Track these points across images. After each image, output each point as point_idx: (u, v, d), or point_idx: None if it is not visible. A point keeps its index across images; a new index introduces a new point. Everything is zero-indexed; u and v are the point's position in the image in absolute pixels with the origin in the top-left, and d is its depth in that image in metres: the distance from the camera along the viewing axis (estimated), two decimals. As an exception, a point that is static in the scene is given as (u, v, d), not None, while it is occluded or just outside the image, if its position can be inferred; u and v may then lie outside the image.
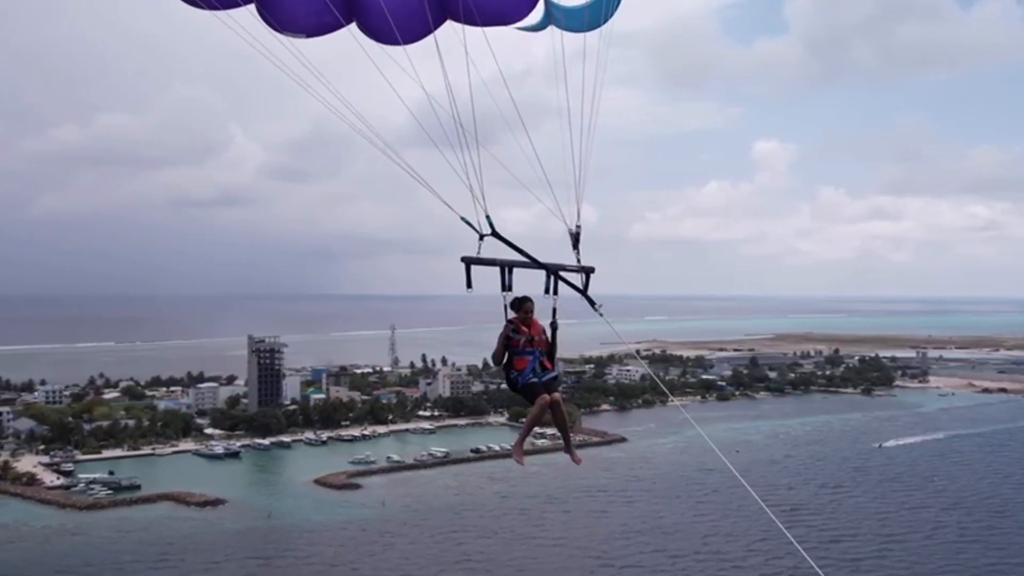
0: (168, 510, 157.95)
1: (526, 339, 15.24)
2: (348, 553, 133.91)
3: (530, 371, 15.15)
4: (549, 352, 15.48)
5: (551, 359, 15.50)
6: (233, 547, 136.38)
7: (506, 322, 15.24)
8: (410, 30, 14.33)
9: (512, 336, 15.21)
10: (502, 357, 15.29)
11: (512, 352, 15.28)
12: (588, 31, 15.36)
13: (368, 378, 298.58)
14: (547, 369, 15.34)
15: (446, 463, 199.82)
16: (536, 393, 15.02)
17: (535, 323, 15.43)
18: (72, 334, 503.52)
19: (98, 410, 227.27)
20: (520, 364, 15.21)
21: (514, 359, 15.26)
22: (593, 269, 15.59)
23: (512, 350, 15.27)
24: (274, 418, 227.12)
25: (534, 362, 15.18)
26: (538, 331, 15.43)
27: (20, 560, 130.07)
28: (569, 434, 15.94)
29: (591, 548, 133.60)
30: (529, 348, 15.26)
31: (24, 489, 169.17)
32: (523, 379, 15.14)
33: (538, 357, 15.23)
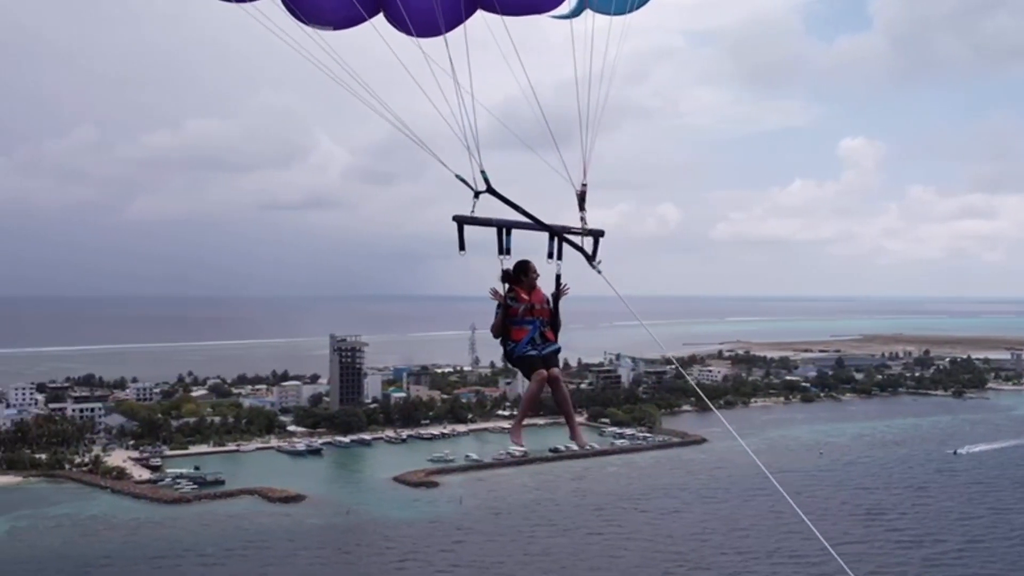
0: (250, 505, 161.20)
1: (525, 307, 14.08)
2: (424, 549, 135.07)
3: (527, 342, 13.97)
4: (552, 323, 14.28)
5: (555, 330, 14.33)
6: (312, 541, 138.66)
7: (505, 289, 14.08)
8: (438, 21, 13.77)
9: (511, 304, 14.04)
10: (501, 328, 14.07)
11: (510, 322, 14.07)
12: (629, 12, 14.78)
13: (448, 377, 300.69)
14: (548, 341, 14.13)
15: (524, 462, 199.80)
16: (533, 367, 13.82)
17: (537, 290, 14.25)
18: (163, 333, 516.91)
19: (186, 407, 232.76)
20: (518, 334, 14.05)
21: (511, 329, 14.06)
22: (603, 232, 14.47)
23: (510, 319, 14.07)
24: (355, 416, 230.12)
25: (533, 332, 13.98)
26: (540, 299, 14.22)
27: (109, 550, 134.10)
28: (572, 414, 14.50)
29: (665, 548, 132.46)
30: (529, 317, 14.06)
31: (114, 483, 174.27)
32: (519, 350, 13.96)
33: (538, 327, 14.01)
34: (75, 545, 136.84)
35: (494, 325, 14.07)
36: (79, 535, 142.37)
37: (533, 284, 14.14)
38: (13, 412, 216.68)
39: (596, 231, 14.41)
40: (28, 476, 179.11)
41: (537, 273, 14.17)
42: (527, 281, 14.09)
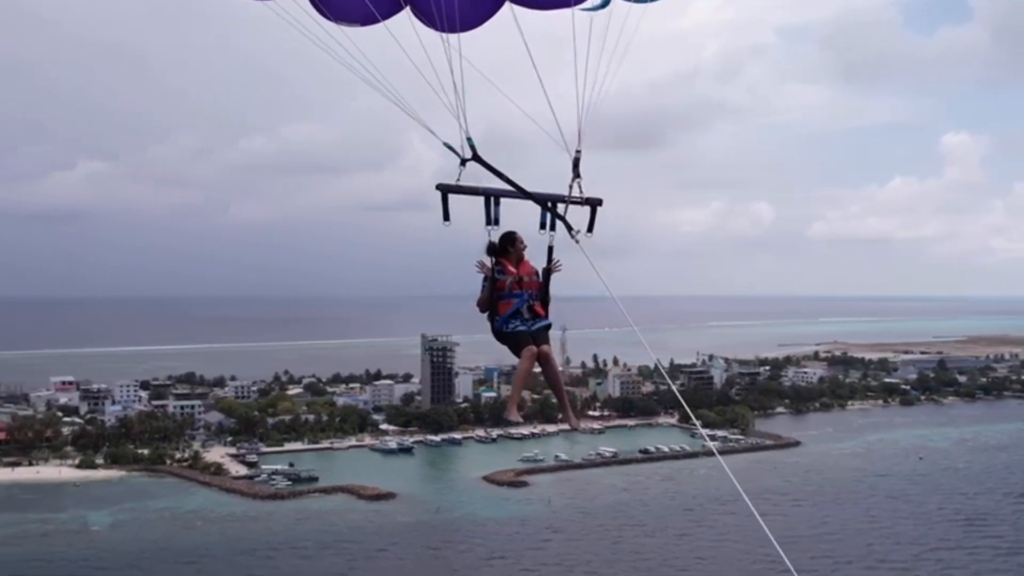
0: (343, 502, 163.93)
1: (512, 280, 13.40)
2: (511, 548, 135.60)
3: (512, 315, 13.29)
4: (542, 297, 13.58)
5: (544, 305, 13.63)
6: (402, 538, 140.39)
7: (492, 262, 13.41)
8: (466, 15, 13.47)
9: (498, 277, 13.36)
10: (488, 302, 13.38)
11: (496, 295, 13.39)
12: None
13: (539, 378, 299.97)
14: (537, 315, 13.43)
15: (614, 463, 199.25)
16: (522, 343, 13.16)
17: (526, 263, 13.61)
18: (262, 333, 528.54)
19: (282, 405, 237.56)
20: (503, 308, 13.36)
21: (498, 303, 13.37)
22: (600, 201, 13.58)
23: (497, 293, 13.39)
24: (446, 415, 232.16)
25: (519, 305, 13.30)
26: (528, 271, 13.54)
27: (207, 543, 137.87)
28: (565, 395, 13.96)
29: (754, 550, 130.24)
30: (516, 290, 13.39)
31: (212, 478, 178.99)
32: (503, 325, 13.28)
33: (526, 300, 13.33)
34: (174, 538, 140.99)
35: (480, 299, 13.43)
36: (178, 528, 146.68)
37: (521, 255, 13.58)
38: (118, 408, 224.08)
39: (593, 200, 13.58)
40: (131, 470, 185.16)
41: (524, 244, 13.60)
42: (514, 252, 13.51)
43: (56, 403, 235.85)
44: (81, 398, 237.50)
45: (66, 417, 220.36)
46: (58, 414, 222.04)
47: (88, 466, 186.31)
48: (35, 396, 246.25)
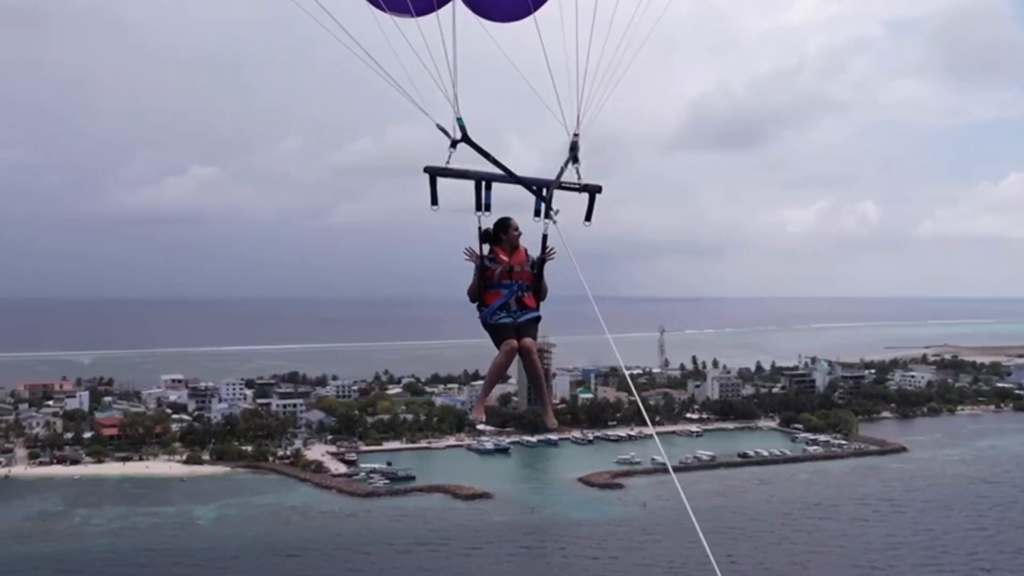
0: (439, 501, 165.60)
1: (503, 269, 12.81)
2: (605, 549, 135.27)
3: (500, 307, 12.69)
4: (535, 287, 12.99)
5: (537, 297, 13.03)
6: (496, 538, 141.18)
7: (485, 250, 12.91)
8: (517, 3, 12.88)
9: (488, 265, 12.81)
10: (477, 291, 12.85)
11: (486, 285, 12.86)
12: None
13: (637, 379, 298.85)
14: (526, 307, 12.80)
15: (712, 467, 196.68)
16: (504, 336, 12.50)
17: (519, 251, 12.98)
18: (364, 333, 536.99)
19: (381, 404, 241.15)
20: (491, 299, 12.79)
21: (486, 294, 12.83)
22: (599, 188, 13.01)
23: (486, 282, 12.86)
24: (542, 416, 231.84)
25: (507, 297, 12.70)
26: (520, 260, 12.91)
27: (306, 538, 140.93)
28: (545, 392, 13.35)
29: (855, 558, 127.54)
30: (506, 280, 12.81)
31: (312, 475, 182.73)
32: (489, 315, 12.70)
33: (515, 291, 12.73)
34: (276, 533, 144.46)
35: (470, 288, 12.92)
36: (279, 524, 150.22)
37: (515, 243, 12.94)
38: (224, 406, 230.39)
39: (592, 186, 13.04)
40: (235, 467, 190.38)
41: (519, 231, 12.96)
42: (507, 240, 12.90)
43: (166, 400, 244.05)
44: (189, 396, 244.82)
45: (175, 414, 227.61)
46: (167, 411, 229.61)
47: (195, 462, 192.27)
48: (147, 394, 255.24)
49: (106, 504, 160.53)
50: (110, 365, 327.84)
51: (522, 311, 12.74)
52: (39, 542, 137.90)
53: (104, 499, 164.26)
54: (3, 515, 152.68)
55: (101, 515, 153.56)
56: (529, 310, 12.80)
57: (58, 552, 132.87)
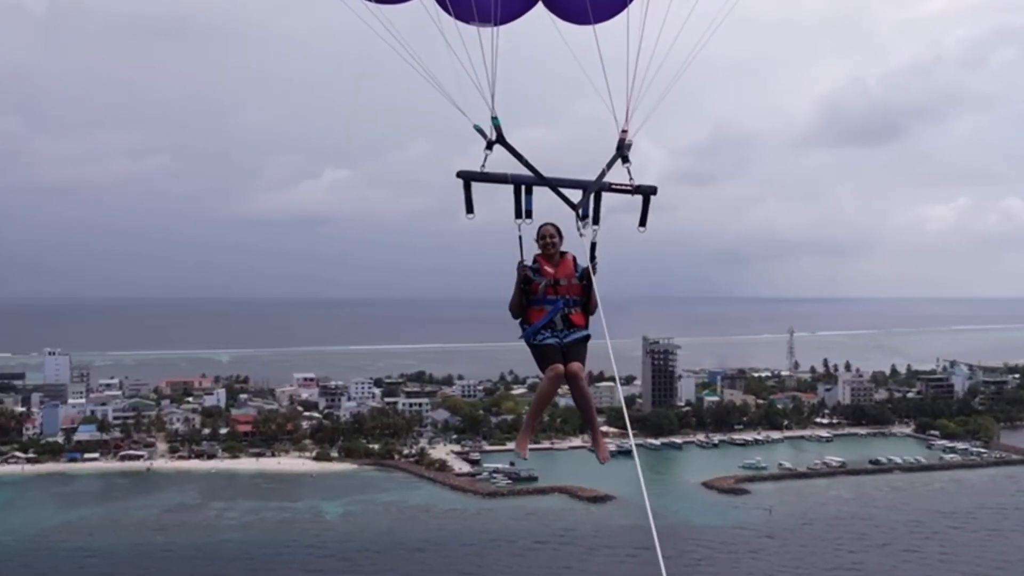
0: (560, 502, 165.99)
1: (547, 283, 11.58)
2: (727, 554, 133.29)
3: (544, 325, 11.44)
4: (584, 302, 11.71)
5: (586, 313, 11.74)
6: (616, 540, 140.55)
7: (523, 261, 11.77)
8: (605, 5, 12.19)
9: (532, 278, 11.62)
10: (519, 306, 11.68)
11: (529, 300, 11.63)
12: None
13: (765, 382, 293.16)
14: (574, 326, 11.51)
15: (841, 473, 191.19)
16: (549, 359, 11.24)
17: (566, 262, 11.73)
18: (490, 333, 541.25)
19: (505, 404, 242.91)
20: (534, 316, 11.57)
21: (529, 310, 11.62)
22: (654, 189, 11.92)
23: (530, 297, 11.62)
24: (667, 419, 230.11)
25: (552, 314, 11.42)
26: (567, 273, 11.66)
27: (429, 535, 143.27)
28: (596, 421, 11.90)
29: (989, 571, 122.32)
30: (551, 295, 11.52)
31: (436, 474, 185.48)
32: (531, 335, 11.47)
33: (560, 308, 11.44)
34: (400, 530, 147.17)
35: (511, 303, 11.76)
36: (404, 521, 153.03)
37: (551, 253, 11.74)
38: (353, 405, 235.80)
39: (646, 188, 11.89)
40: (362, 464, 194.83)
41: (555, 237, 11.75)
42: (547, 249, 11.75)
43: (298, 398, 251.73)
44: (320, 394, 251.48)
45: (306, 412, 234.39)
46: (299, 409, 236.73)
47: (324, 459, 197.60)
48: (280, 391, 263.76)
49: (239, 498, 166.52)
50: (247, 363, 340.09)
51: (569, 330, 11.47)
52: (176, 533, 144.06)
53: (237, 493, 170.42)
54: (144, 506, 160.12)
55: (234, 508, 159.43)
56: (577, 329, 11.51)
57: (193, 543, 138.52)
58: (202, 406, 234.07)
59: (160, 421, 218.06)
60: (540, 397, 11.67)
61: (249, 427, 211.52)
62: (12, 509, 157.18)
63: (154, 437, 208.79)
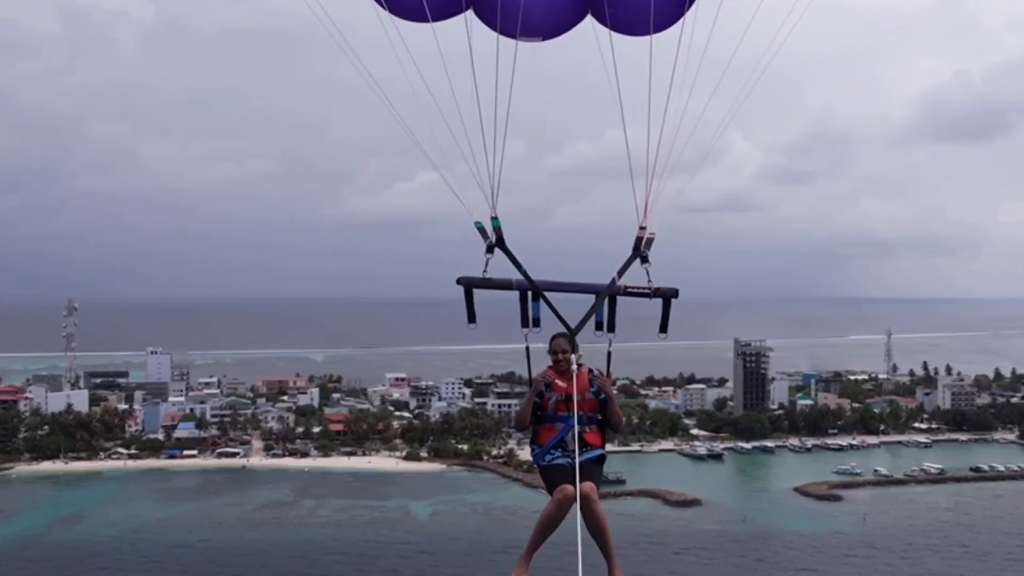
0: (647, 505, 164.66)
1: (558, 398, 10.51)
2: (819, 563, 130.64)
3: (553, 445, 10.46)
4: (601, 419, 10.73)
5: (604, 429, 10.74)
6: (704, 545, 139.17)
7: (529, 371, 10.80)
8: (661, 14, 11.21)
9: (545, 393, 10.56)
10: (526, 421, 10.74)
11: (540, 418, 10.62)
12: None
13: (861, 385, 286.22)
14: (588, 445, 10.48)
15: (941, 481, 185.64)
16: (557, 479, 10.17)
17: (579, 374, 10.60)
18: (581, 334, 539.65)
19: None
20: (544, 436, 10.57)
21: (540, 428, 10.60)
22: (676, 292, 10.97)
23: (540, 414, 10.61)
24: (758, 422, 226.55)
25: (563, 432, 10.42)
26: (581, 387, 10.52)
27: (517, 536, 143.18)
28: (612, 547, 10.61)
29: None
30: (563, 411, 10.46)
31: (525, 475, 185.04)
32: (541, 458, 10.53)
33: (572, 427, 10.38)
34: (487, 530, 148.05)
35: (518, 416, 10.97)
36: (491, 521, 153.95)
37: (565, 368, 10.63)
38: (443, 405, 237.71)
39: (667, 290, 10.91)
40: (451, 464, 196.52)
41: (567, 351, 10.69)
42: (556, 363, 10.71)
43: (389, 398, 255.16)
44: (411, 394, 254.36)
45: (397, 411, 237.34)
46: (390, 408, 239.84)
47: (413, 458, 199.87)
48: (372, 391, 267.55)
49: (331, 496, 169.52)
50: (340, 363, 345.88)
51: (582, 450, 10.44)
52: (270, 530, 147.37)
53: (329, 491, 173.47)
54: (239, 503, 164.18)
55: (326, 506, 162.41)
56: (591, 448, 10.51)
57: (286, 539, 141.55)
58: (296, 405, 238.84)
59: (255, 419, 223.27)
60: (544, 522, 10.42)
61: (341, 426, 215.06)
62: (114, 503, 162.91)
63: (250, 435, 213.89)
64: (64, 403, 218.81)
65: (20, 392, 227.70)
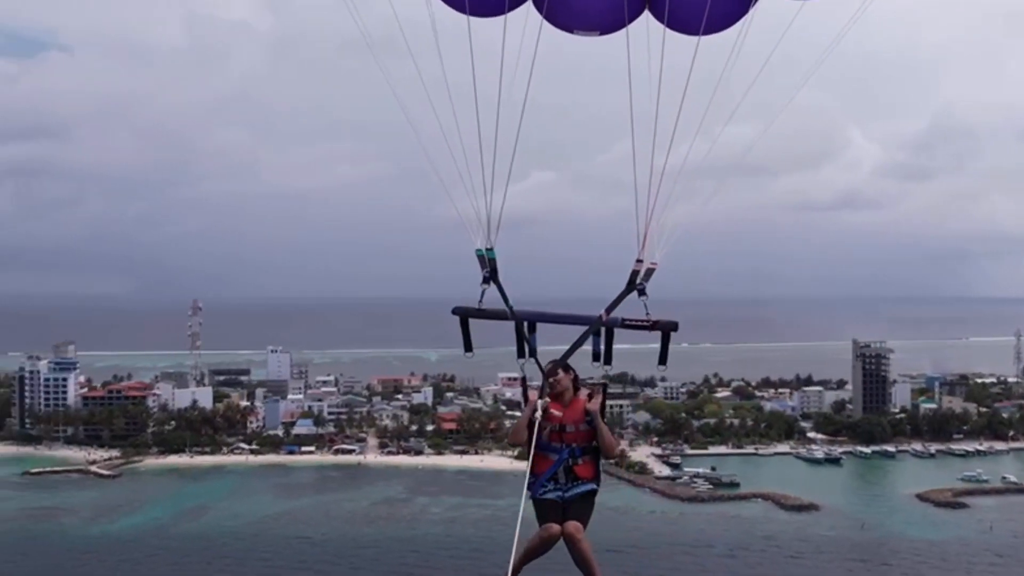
0: (762, 509, 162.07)
1: (552, 429, 10.24)
2: (940, 572, 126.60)
3: (549, 478, 10.22)
4: (595, 449, 10.39)
5: (596, 461, 10.44)
6: (820, 550, 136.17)
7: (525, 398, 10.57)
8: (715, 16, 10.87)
9: (538, 422, 10.26)
10: (520, 439, 10.38)
11: (536, 447, 10.25)
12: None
13: (989, 389, 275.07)
14: (578, 479, 10.22)
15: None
16: (545, 515, 9.99)
17: (575, 403, 10.36)
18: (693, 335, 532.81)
19: (708, 408, 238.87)
20: (541, 466, 10.29)
21: (536, 458, 10.25)
22: (675, 326, 10.39)
23: (538, 443, 10.27)
24: (878, 426, 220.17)
25: (556, 466, 10.18)
26: (575, 417, 10.26)
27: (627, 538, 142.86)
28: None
29: None
30: (556, 443, 10.23)
31: (636, 477, 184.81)
32: (536, 491, 10.26)
33: (564, 459, 10.18)
34: (597, 531, 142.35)
35: (513, 433, 10.62)
36: (601, 522, 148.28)
37: (560, 393, 10.40)
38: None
39: (666, 323, 10.38)
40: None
41: (560, 378, 10.42)
42: (555, 391, 10.42)
43: (502, 397, 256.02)
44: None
45: (508, 411, 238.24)
46: (502, 408, 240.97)
47: (523, 458, 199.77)
48: (485, 390, 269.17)
49: (443, 494, 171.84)
50: (454, 362, 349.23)
51: (572, 483, 10.21)
52: (384, 525, 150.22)
53: (442, 489, 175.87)
54: (354, 499, 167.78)
55: (438, 504, 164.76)
56: (582, 482, 10.23)
57: (399, 535, 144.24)
58: (410, 403, 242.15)
59: (371, 417, 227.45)
60: (526, 553, 9.99)
61: (454, 425, 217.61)
62: (236, 496, 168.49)
63: (365, 433, 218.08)
64: (189, 399, 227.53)
65: (149, 389, 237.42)
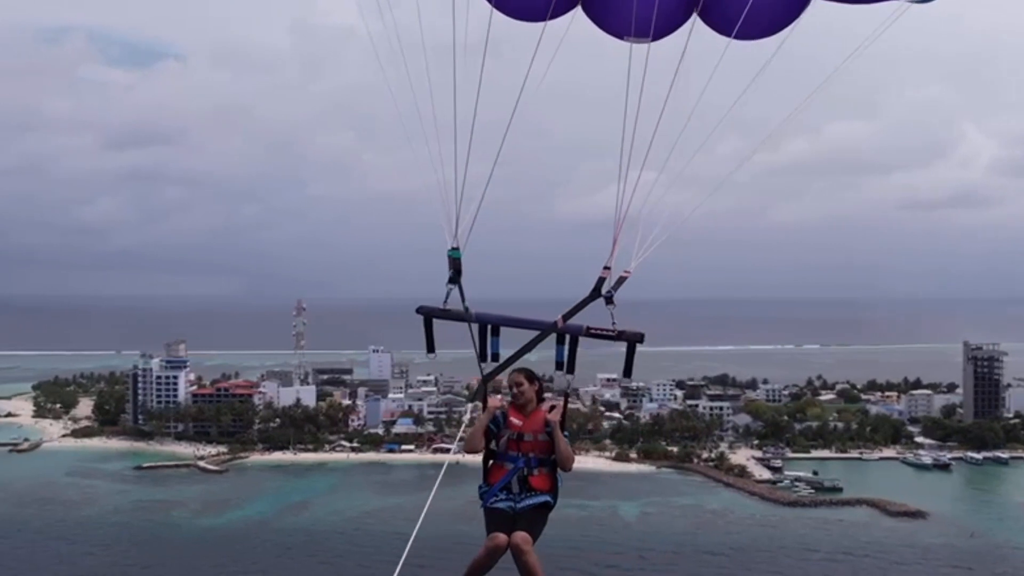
0: (865, 515, 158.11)
1: (509, 436, 10.14)
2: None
3: (501, 487, 10.08)
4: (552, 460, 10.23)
5: (553, 472, 10.25)
6: (926, 558, 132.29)
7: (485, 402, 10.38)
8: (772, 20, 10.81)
9: (495, 430, 10.21)
10: (476, 445, 10.26)
11: (493, 456, 10.24)
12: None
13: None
14: (532, 490, 10.04)
15: None
16: (493, 524, 9.85)
17: (536, 413, 10.28)
18: (796, 335, 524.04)
19: (811, 410, 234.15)
20: (495, 475, 10.18)
21: (493, 465, 10.23)
22: (641, 337, 10.13)
23: (494, 452, 10.24)
24: (991, 431, 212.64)
25: (510, 475, 10.05)
26: (535, 427, 10.14)
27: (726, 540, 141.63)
28: None
29: None
30: (512, 452, 10.12)
31: (735, 480, 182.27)
32: (487, 500, 10.12)
33: (520, 468, 10.04)
34: (696, 533, 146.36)
35: (469, 439, 10.36)
36: (700, 524, 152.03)
37: (523, 404, 10.33)
38: (654, 406, 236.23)
39: (631, 334, 10.11)
40: (661, 466, 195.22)
41: (522, 384, 10.37)
42: (513, 397, 10.37)
43: (600, 398, 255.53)
44: (622, 394, 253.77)
45: (607, 412, 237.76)
46: (600, 408, 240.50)
47: (622, 459, 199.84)
48: (583, 391, 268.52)
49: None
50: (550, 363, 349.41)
51: (526, 494, 10.06)
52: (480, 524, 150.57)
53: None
54: (452, 497, 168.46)
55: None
56: (535, 494, 10.06)
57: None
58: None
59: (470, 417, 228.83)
60: (473, 567, 9.82)
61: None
62: (337, 492, 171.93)
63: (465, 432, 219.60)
64: (294, 398, 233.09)
65: (255, 387, 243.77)
